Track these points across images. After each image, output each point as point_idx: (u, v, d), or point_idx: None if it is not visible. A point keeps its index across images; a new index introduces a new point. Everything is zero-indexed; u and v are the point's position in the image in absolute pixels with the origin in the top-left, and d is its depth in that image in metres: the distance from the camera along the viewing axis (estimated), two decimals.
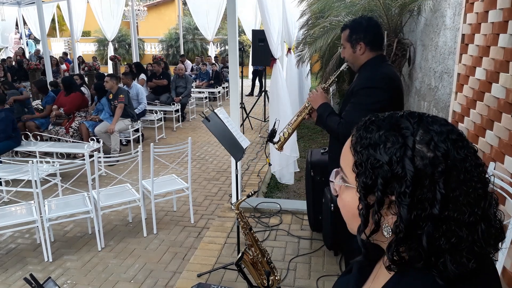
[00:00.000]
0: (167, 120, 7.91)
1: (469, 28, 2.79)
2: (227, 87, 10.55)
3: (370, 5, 4.45)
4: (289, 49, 6.31)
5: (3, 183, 4.20)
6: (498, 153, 2.25)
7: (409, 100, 4.78)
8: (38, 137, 5.61)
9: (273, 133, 2.54)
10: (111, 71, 11.98)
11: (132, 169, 4.00)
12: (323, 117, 2.28)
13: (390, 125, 0.67)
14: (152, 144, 3.62)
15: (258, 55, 6.64)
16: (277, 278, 2.37)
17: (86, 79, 8.83)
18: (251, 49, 9.59)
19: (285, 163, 4.54)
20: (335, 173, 0.76)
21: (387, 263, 0.66)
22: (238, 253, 2.99)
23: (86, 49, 18.69)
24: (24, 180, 3.69)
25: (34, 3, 10.26)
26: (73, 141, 5.61)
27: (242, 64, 7.53)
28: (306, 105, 2.40)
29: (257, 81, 11.85)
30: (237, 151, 2.82)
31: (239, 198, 2.61)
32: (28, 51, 14.89)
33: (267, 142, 2.63)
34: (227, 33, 3.68)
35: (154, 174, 3.64)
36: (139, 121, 6.45)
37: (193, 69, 11.84)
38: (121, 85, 6.52)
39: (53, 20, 15.72)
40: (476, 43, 2.67)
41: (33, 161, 3.25)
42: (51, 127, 5.98)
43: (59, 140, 5.84)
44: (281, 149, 2.52)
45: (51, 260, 3.26)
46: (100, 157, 3.99)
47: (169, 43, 18.66)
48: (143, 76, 8.61)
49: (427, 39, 4.08)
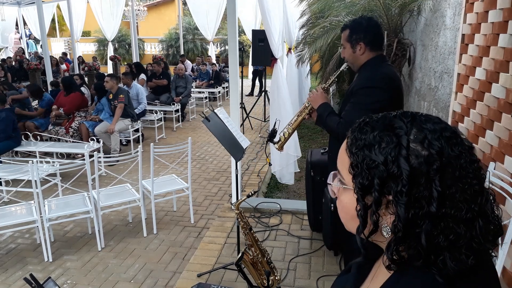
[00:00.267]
0: (167, 120, 7.91)
1: (469, 28, 2.79)
2: (227, 87, 10.55)
3: (370, 5, 4.44)
4: (290, 49, 6.32)
5: (3, 183, 4.21)
6: (498, 153, 2.25)
7: (409, 100, 4.78)
8: (38, 137, 5.60)
9: (273, 133, 2.54)
10: (111, 71, 11.99)
11: (132, 169, 4.00)
12: (323, 117, 2.29)
13: (384, 125, 0.67)
14: (152, 144, 3.62)
15: (258, 55, 6.64)
16: (277, 278, 2.37)
17: (86, 79, 8.84)
18: (251, 49, 9.58)
19: (285, 163, 4.54)
20: (332, 176, 0.76)
21: (387, 262, 0.66)
22: (238, 253, 2.99)
23: (86, 49, 18.70)
24: (24, 180, 3.69)
25: (34, 3, 10.26)
26: (73, 141, 5.61)
27: (242, 64, 7.53)
28: (306, 105, 2.41)
29: (257, 81, 11.85)
30: (237, 151, 2.82)
31: (239, 198, 2.61)
32: (28, 51, 14.90)
33: (267, 142, 2.64)
34: (227, 33, 3.68)
35: (154, 174, 3.64)
36: (139, 121, 6.45)
37: (193, 69, 11.81)
38: (121, 85, 6.52)
39: (53, 20, 15.74)
40: (476, 43, 2.67)
41: (33, 161, 3.25)
42: (51, 127, 5.98)
43: (59, 140, 5.84)
44: (281, 149, 2.53)
45: (51, 260, 3.26)
46: (100, 157, 3.99)
47: (169, 43, 18.67)
48: (143, 76, 8.61)
49: (427, 39, 4.08)
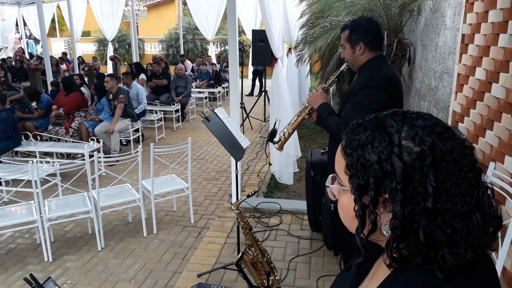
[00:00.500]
0: (167, 120, 7.91)
1: (469, 28, 2.79)
2: (227, 87, 10.55)
3: (370, 5, 4.44)
4: (290, 49, 6.32)
5: (3, 183, 4.21)
6: (498, 153, 2.25)
7: (409, 100, 4.78)
8: (38, 137, 5.60)
9: (273, 133, 2.54)
10: (111, 71, 11.98)
11: (132, 169, 4.00)
12: (323, 117, 2.29)
13: (375, 125, 0.68)
14: (152, 144, 3.62)
15: (258, 55, 6.64)
16: (277, 278, 2.37)
17: (86, 79, 8.83)
18: (251, 49, 9.59)
19: (284, 163, 4.54)
20: (331, 179, 0.77)
21: (387, 261, 0.67)
22: (238, 253, 2.99)
23: (86, 49, 18.69)
24: (24, 180, 3.69)
25: (34, 3, 10.27)
26: (73, 141, 5.61)
27: (242, 64, 7.53)
28: (306, 105, 2.41)
29: (257, 81, 11.85)
30: (237, 151, 2.82)
31: (239, 198, 2.61)
32: (28, 51, 14.89)
33: (267, 142, 2.64)
34: (227, 33, 3.68)
35: (154, 174, 3.64)
36: (139, 121, 6.45)
37: (193, 69, 11.81)
38: (121, 85, 6.52)
39: (53, 20, 15.74)
40: (476, 43, 2.67)
41: (33, 161, 3.25)
42: (51, 127, 5.98)
43: (59, 140, 5.84)
44: (281, 149, 2.53)
45: (51, 260, 3.26)
46: (100, 157, 3.99)
47: (169, 43, 18.66)
48: (143, 76, 8.61)
49: (427, 39, 4.08)
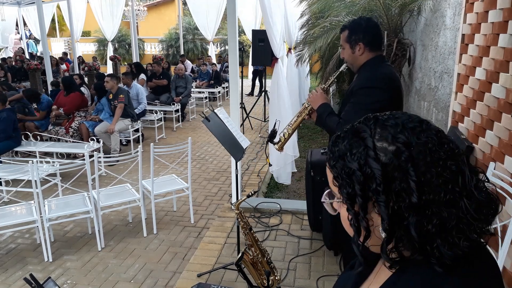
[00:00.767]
0: (167, 120, 7.91)
1: (469, 28, 2.79)
2: (227, 87, 10.55)
3: (370, 5, 4.44)
4: (290, 49, 6.31)
5: (3, 183, 4.21)
6: (498, 153, 2.25)
7: (409, 100, 4.78)
8: (38, 137, 5.61)
9: (273, 133, 2.54)
10: (111, 71, 11.98)
11: (132, 169, 4.00)
12: (323, 117, 2.29)
13: (351, 134, 0.71)
14: (152, 144, 3.62)
15: (258, 55, 6.64)
16: (277, 278, 2.37)
17: (86, 79, 8.83)
18: (251, 49, 9.58)
19: (282, 163, 4.54)
20: (327, 194, 0.78)
21: (387, 264, 0.67)
22: (238, 253, 2.99)
23: (86, 49, 18.69)
24: (24, 180, 3.70)
25: (34, 3, 10.27)
26: (73, 141, 5.62)
27: (242, 64, 7.53)
28: (306, 106, 2.41)
29: (257, 81, 11.85)
30: (237, 151, 2.82)
31: (239, 198, 2.61)
32: (28, 51, 14.89)
33: (267, 142, 2.64)
34: (227, 33, 3.68)
35: (154, 174, 3.65)
36: (139, 121, 6.45)
37: (193, 70, 11.81)
38: (121, 85, 6.52)
39: (53, 20, 15.75)
40: (476, 43, 2.67)
41: (33, 161, 3.25)
42: (51, 127, 5.98)
43: (59, 140, 5.84)
44: (281, 149, 2.53)
45: (51, 260, 3.26)
46: (100, 157, 3.99)
47: (169, 43, 18.66)
48: (143, 76, 8.62)
49: (427, 39, 4.08)
